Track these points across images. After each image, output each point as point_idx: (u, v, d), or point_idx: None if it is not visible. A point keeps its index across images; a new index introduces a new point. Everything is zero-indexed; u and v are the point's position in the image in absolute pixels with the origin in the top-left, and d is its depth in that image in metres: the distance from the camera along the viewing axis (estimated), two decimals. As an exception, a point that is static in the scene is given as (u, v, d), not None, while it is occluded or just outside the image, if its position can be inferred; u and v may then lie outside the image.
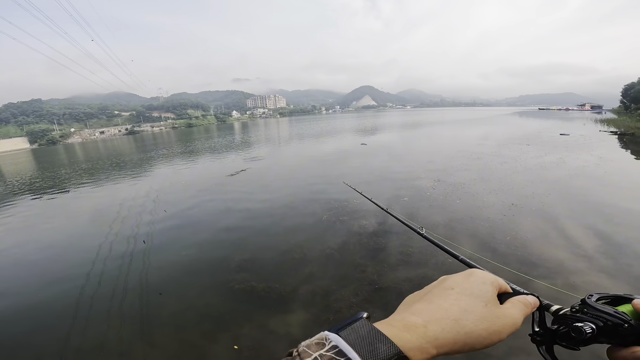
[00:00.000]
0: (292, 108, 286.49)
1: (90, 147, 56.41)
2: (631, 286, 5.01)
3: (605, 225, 7.41)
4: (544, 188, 10.74)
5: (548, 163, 14.98)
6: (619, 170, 13.35)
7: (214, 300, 5.49)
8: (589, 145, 20.50)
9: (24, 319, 5.45)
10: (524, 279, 4.98)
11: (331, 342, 0.40)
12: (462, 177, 12.82)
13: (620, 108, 56.71)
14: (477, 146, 22.01)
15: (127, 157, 30.43)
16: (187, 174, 18.50)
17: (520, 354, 3.89)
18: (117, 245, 8.17)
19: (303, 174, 15.50)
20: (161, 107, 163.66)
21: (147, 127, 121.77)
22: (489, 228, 7.63)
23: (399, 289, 5.35)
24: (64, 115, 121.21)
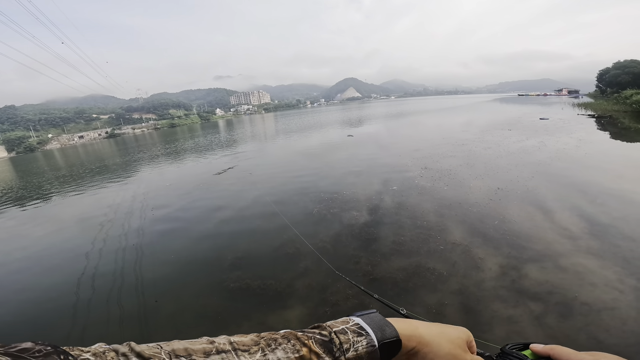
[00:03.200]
0: (276, 103, 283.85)
1: (70, 153, 54.68)
2: (619, 266, 5.15)
3: (590, 206, 7.66)
4: (527, 171, 11.02)
5: (530, 147, 15.36)
6: (598, 151, 13.80)
7: (210, 300, 5.45)
8: (568, 129, 21.09)
9: (20, 329, 5.29)
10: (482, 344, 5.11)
11: (354, 321, 0.60)
12: (449, 164, 13.03)
13: (596, 92, 58.43)
14: (461, 133, 22.37)
15: (110, 161, 29.65)
16: (173, 175, 18.19)
17: None
18: (107, 252, 7.99)
19: (291, 168, 15.45)
20: (141, 109, 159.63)
21: (128, 129, 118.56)
22: (477, 213, 7.79)
23: (394, 278, 5.43)
24: (40, 121, 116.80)
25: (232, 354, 0.48)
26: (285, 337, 0.54)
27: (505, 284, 4.95)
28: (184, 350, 0.46)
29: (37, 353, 0.35)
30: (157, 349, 0.45)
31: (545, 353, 0.61)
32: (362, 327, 0.58)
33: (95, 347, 0.43)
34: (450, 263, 5.70)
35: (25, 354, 0.34)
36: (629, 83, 43.62)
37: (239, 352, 0.49)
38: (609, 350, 0.58)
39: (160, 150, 33.28)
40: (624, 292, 4.52)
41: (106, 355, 0.41)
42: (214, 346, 0.48)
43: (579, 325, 4.01)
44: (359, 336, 0.57)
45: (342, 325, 0.58)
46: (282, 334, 0.55)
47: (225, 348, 0.48)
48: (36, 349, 0.35)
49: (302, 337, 0.54)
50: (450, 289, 4.99)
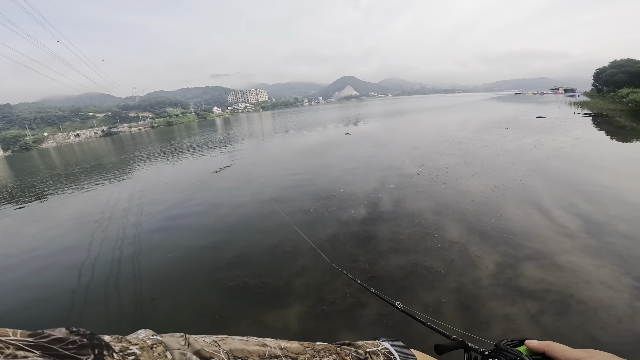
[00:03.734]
0: (274, 101, 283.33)
1: (66, 151, 54.33)
2: (615, 265, 5.18)
3: (586, 205, 7.70)
4: (524, 169, 11.06)
5: (527, 145, 15.42)
6: (594, 150, 13.88)
7: (208, 299, 5.43)
8: (564, 127, 21.19)
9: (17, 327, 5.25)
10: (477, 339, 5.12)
11: (384, 345, 0.66)
12: (446, 162, 13.06)
13: (592, 91, 58.72)
14: (459, 131, 22.42)
15: (106, 160, 29.48)
16: (170, 173, 18.12)
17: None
18: (104, 251, 7.95)
19: (289, 166, 15.43)
20: (138, 107, 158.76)
21: (125, 127, 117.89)
22: (474, 211, 7.81)
23: (392, 276, 5.44)
24: (36, 119, 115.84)
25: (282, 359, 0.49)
26: (327, 350, 0.56)
27: (502, 282, 4.97)
28: (241, 351, 0.46)
29: (71, 345, 0.31)
30: (215, 347, 0.43)
31: (540, 349, 0.63)
32: (391, 352, 0.65)
33: (142, 338, 0.39)
34: (447, 261, 5.71)
35: (56, 345, 0.30)
36: (625, 82, 43.85)
37: (289, 358, 0.50)
38: (605, 348, 0.58)
39: (157, 149, 33.13)
40: (620, 290, 4.55)
41: (154, 349, 0.38)
42: (267, 350, 0.49)
43: (575, 323, 4.04)
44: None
45: (374, 348, 0.64)
46: (323, 347, 0.57)
47: (277, 353, 0.49)
48: (70, 339, 0.31)
49: (342, 353, 0.57)
50: (448, 287, 5.00)
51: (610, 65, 51.76)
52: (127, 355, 0.34)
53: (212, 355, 0.41)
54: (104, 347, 0.33)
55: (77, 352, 0.31)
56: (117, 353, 0.34)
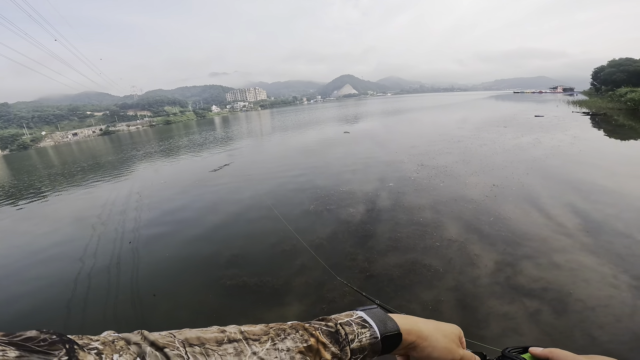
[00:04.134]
0: (273, 100, 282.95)
1: (64, 150, 54.14)
2: (613, 263, 5.19)
3: (584, 203, 7.71)
4: (522, 168, 11.08)
5: (525, 144, 15.43)
6: (593, 148, 13.90)
7: (207, 297, 5.43)
8: (563, 126, 21.22)
9: (16, 326, 5.23)
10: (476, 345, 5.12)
11: (358, 314, 0.64)
12: (445, 161, 13.07)
13: (591, 90, 58.83)
14: (457, 130, 22.43)
15: (105, 159, 29.39)
16: (168, 172, 18.07)
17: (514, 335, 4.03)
18: (103, 249, 7.93)
19: (287, 165, 15.41)
20: (136, 106, 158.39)
21: (123, 126, 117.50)
22: (473, 210, 7.82)
23: (390, 275, 5.44)
24: (33, 118, 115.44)
25: (243, 342, 0.49)
26: (294, 328, 0.56)
27: (500, 281, 4.97)
28: (197, 339, 0.46)
29: (42, 342, 0.33)
30: (170, 338, 0.45)
31: (544, 356, 0.62)
32: (365, 320, 0.62)
33: (104, 336, 0.42)
34: (446, 260, 5.72)
35: (29, 343, 0.33)
36: (623, 81, 43.94)
37: (250, 341, 0.50)
38: (603, 347, 0.58)
39: (156, 148, 33.05)
40: (618, 288, 4.56)
41: (116, 344, 0.40)
42: (226, 335, 0.49)
43: (573, 322, 4.04)
44: (363, 328, 0.60)
45: (347, 318, 0.62)
46: (290, 325, 0.57)
47: (237, 337, 0.50)
48: (41, 337, 0.34)
49: (310, 328, 0.57)
50: (447, 285, 5.01)
51: (608, 64, 51.89)
52: (90, 350, 0.37)
53: (166, 345, 0.43)
54: (73, 342, 0.36)
55: (49, 348, 0.33)
56: (83, 348, 0.36)
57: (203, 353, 0.45)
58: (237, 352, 0.48)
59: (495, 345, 3.61)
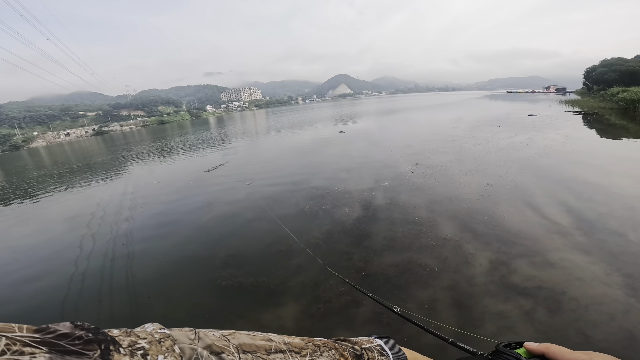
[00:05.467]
0: (268, 100, 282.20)
1: (57, 151, 53.49)
2: (606, 262, 5.24)
3: (577, 202, 7.79)
4: (516, 167, 11.17)
5: (518, 143, 15.57)
6: (585, 147, 14.06)
7: (203, 298, 5.39)
8: (555, 125, 21.44)
9: None
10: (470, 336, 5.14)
11: (377, 342, 0.69)
12: (439, 160, 13.13)
13: (583, 90, 59.55)
14: (452, 129, 22.56)
15: (97, 159, 29.09)
16: (162, 172, 17.94)
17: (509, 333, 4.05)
18: (97, 250, 7.83)
19: (283, 165, 15.38)
20: (130, 105, 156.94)
21: (116, 126, 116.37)
22: (467, 209, 7.86)
23: (386, 274, 5.45)
24: (25, 118, 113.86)
25: (287, 354, 0.51)
26: (326, 345, 0.59)
27: (495, 280, 5.01)
28: (250, 346, 0.47)
29: (77, 340, 0.30)
30: (225, 342, 0.44)
31: (539, 351, 0.63)
32: (384, 349, 0.68)
33: (150, 332, 0.39)
34: (441, 259, 5.74)
35: (63, 341, 0.29)
36: (615, 80, 44.54)
37: (293, 353, 0.52)
38: (597, 345, 0.57)
39: (150, 148, 32.78)
40: (611, 287, 4.61)
41: (162, 344, 0.37)
42: (273, 344, 0.51)
43: (568, 320, 4.07)
44: (382, 356, 0.66)
45: (368, 344, 0.68)
46: (322, 342, 0.60)
47: (282, 348, 0.51)
48: (76, 334, 0.31)
49: (340, 348, 0.61)
50: (442, 284, 5.03)
51: (600, 64, 52.56)
52: (136, 350, 0.34)
53: (223, 350, 0.42)
54: (109, 342, 0.32)
55: (83, 348, 0.30)
56: (124, 348, 0.33)
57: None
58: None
59: (491, 346, 3.63)
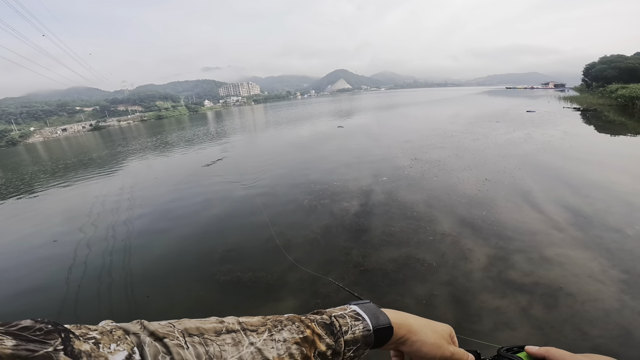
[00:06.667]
0: (266, 95, 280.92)
1: (54, 146, 53.16)
2: (603, 258, 5.26)
3: (574, 198, 7.81)
4: (514, 163, 11.17)
5: (517, 139, 15.57)
6: (583, 143, 14.07)
7: (202, 294, 5.40)
8: (554, 121, 21.42)
9: None
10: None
11: (352, 308, 0.66)
12: (438, 155, 13.13)
13: (582, 86, 59.42)
14: (451, 124, 22.54)
15: (95, 154, 28.95)
16: (160, 167, 17.88)
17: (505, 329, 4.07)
18: (94, 248, 7.79)
19: (281, 159, 15.35)
20: (127, 101, 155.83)
21: (114, 121, 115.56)
22: (465, 204, 7.87)
23: (384, 269, 5.46)
24: (22, 114, 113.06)
25: (241, 333, 0.50)
26: (290, 320, 0.58)
27: (492, 275, 5.02)
28: (196, 329, 0.47)
29: (38, 332, 0.33)
30: (170, 327, 0.45)
31: (540, 355, 0.63)
32: (359, 313, 0.64)
33: (102, 325, 0.42)
34: (439, 254, 5.75)
35: (25, 332, 0.32)
36: (614, 77, 44.46)
37: (247, 331, 0.51)
38: (593, 342, 0.56)
39: (147, 142, 32.62)
40: (607, 283, 4.62)
41: (114, 333, 0.40)
42: (224, 325, 0.51)
43: (564, 316, 4.09)
44: (356, 321, 0.63)
45: (341, 311, 0.65)
46: (287, 317, 0.59)
47: (235, 328, 0.51)
48: (37, 327, 0.34)
49: (306, 320, 0.59)
50: (440, 279, 5.04)
51: (600, 61, 52.40)
52: (88, 339, 0.37)
53: (166, 335, 0.43)
54: (68, 331, 0.36)
55: (45, 337, 0.33)
56: (78, 337, 0.36)
57: (202, 343, 0.45)
58: (235, 342, 0.49)
59: (489, 341, 3.65)
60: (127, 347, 0.39)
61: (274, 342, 0.52)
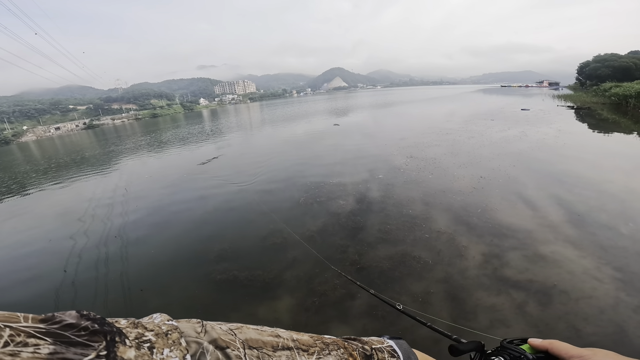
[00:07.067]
0: (262, 93, 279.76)
1: (47, 145, 52.56)
2: (597, 255, 5.30)
3: (568, 195, 7.88)
4: (509, 160, 11.25)
5: (511, 136, 15.67)
6: (577, 141, 14.20)
7: (198, 292, 5.37)
8: (548, 119, 21.59)
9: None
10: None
11: (389, 343, 0.68)
12: (433, 153, 13.18)
13: (576, 85, 59.83)
14: (446, 122, 22.63)
15: (89, 153, 28.67)
16: (155, 165, 17.76)
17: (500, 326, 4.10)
18: (90, 245, 7.75)
19: (277, 158, 15.31)
20: (121, 99, 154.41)
21: (108, 119, 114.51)
22: (461, 202, 7.91)
23: (381, 267, 5.47)
24: (14, 112, 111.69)
25: (294, 352, 0.50)
26: (335, 344, 0.58)
27: (488, 272, 5.06)
28: (256, 341, 0.47)
29: (83, 331, 0.30)
30: (231, 336, 0.44)
31: (543, 347, 0.64)
32: (395, 351, 0.67)
33: (157, 323, 0.39)
34: (435, 251, 5.78)
35: (68, 332, 0.29)
36: (608, 76, 44.83)
37: (300, 351, 0.51)
38: (587, 339, 0.57)
39: (142, 141, 32.36)
40: (601, 280, 4.67)
41: (169, 336, 0.37)
42: (280, 341, 0.50)
43: (558, 313, 4.12)
44: (392, 357, 0.65)
45: (379, 345, 0.67)
46: (332, 341, 0.59)
47: (289, 345, 0.51)
48: (82, 325, 0.30)
49: (349, 348, 0.60)
50: (436, 277, 5.07)
51: (594, 59, 52.77)
52: (143, 343, 0.33)
53: (229, 345, 0.42)
54: (115, 333, 0.32)
55: (88, 339, 0.30)
56: (130, 340, 0.33)
57: (259, 357, 0.45)
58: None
59: (484, 339, 3.67)
60: (180, 355, 0.36)
61: None
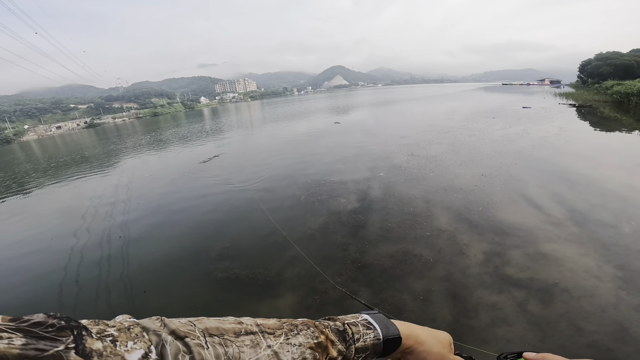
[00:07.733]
0: (263, 91, 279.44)
1: (48, 144, 52.64)
2: (598, 253, 5.29)
3: (570, 193, 7.85)
4: (510, 158, 11.22)
5: (513, 134, 15.62)
6: (578, 139, 14.15)
7: (199, 291, 5.39)
8: (549, 117, 21.50)
9: None
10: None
11: (363, 317, 0.68)
12: (434, 151, 13.15)
13: (577, 82, 59.57)
14: (447, 120, 22.57)
15: (90, 152, 28.69)
16: (157, 164, 17.78)
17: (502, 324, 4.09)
18: (92, 244, 7.77)
19: (278, 156, 15.30)
20: (122, 98, 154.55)
21: (109, 118, 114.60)
22: (462, 199, 7.90)
23: (382, 265, 5.47)
24: (15, 112, 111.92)
25: (259, 335, 0.51)
26: (305, 324, 0.59)
27: (489, 270, 5.05)
28: (216, 329, 0.48)
29: (50, 328, 0.32)
30: (190, 326, 0.46)
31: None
32: (370, 322, 0.67)
33: (119, 321, 0.41)
34: (436, 249, 5.77)
35: (37, 329, 0.32)
36: (610, 74, 44.61)
37: (265, 334, 0.52)
38: (589, 338, 0.56)
39: (143, 140, 32.38)
40: (603, 279, 4.66)
41: (131, 330, 0.39)
42: (243, 327, 0.51)
43: (559, 311, 4.11)
44: (368, 329, 0.65)
45: (353, 319, 0.66)
46: (301, 321, 0.60)
47: (253, 329, 0.52)
48: (49, 322, 0.33)
49: (320, 326, 0.60)
50: (437, 275, 5.06)
51: (595, 57, 52.51)
52: (105, 337, 0.36)
53: (187, 334, 0.43)
54: (81, 328, 0.35)
55: (56, 334, 0.32)
56: (94, 334, 0.35)
57: (222, 344, 0.46)
58: (254, 344, 0.49)
59: (486, 338, 3.67)
60: (144, 346, 0.38)
61: (289, 345, 0.53)
